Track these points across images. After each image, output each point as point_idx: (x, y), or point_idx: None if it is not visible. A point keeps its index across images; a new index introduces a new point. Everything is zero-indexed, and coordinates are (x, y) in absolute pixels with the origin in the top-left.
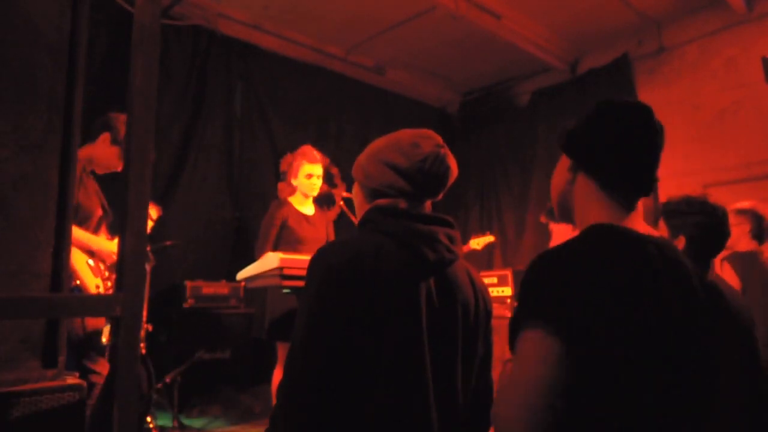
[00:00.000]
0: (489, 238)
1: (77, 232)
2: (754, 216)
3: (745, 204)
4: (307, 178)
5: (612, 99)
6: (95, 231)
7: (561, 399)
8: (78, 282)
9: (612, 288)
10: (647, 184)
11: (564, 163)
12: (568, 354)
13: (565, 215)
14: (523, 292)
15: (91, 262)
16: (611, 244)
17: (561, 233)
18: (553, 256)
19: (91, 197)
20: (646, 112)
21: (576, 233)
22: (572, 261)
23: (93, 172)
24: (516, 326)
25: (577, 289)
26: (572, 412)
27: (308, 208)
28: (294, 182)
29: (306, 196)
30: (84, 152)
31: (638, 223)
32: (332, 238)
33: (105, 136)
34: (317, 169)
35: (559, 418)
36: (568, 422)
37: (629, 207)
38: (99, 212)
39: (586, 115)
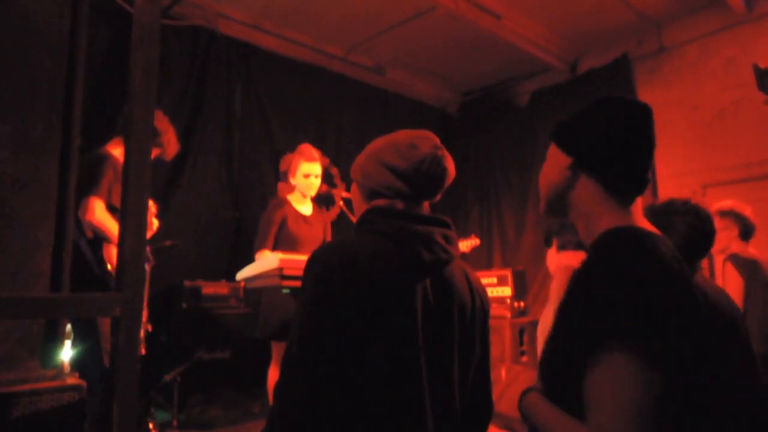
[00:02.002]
0: (475, 242)
1: (116, 228)
2: (737, 217)
3: (725, 205)
4: (304, 178)
5: (611, 96)
6: None
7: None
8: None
9: (689, 305)
10: (645, 183)
11: (559, 159)
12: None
13: (557, 212)
14: (600, 310)
15: None
16: (664, 256)
17: (553, 257)
18: (623, 270)
19: None
20: (646, 110)
21: (572, 260)
22: (648, 277)
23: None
24: (591, 347)
25: (665, 311)
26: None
27: (306, 208)
28: (293, 181)
29: (304, 195)
30: (120, 148)
31: (643, 222)
32: (329, 238)
33: None
34: (315, 168)
35: None
36: None
37: (631, 207)
38: None
39: (585, 112)
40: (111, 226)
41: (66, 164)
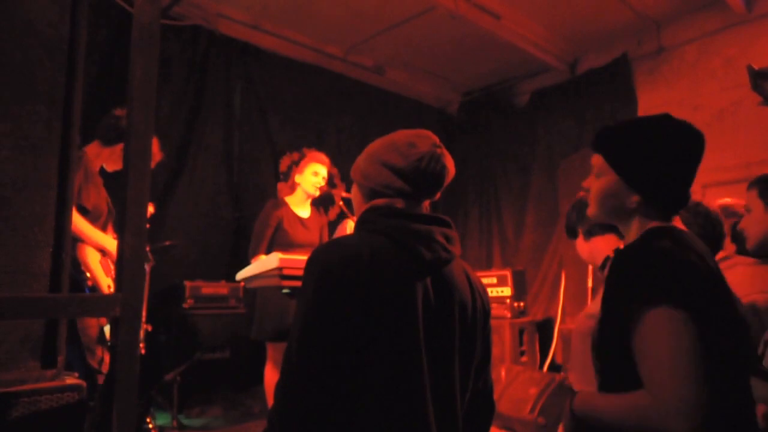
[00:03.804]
0: None
1: (90, 230)
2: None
3: (729, 201)
4: (313, 176)
5: (657, 117)
6: (103, 229)
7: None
8: (91, 282)
9: (711, 276)
10: (686, 198)
11: (616, 180)
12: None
13: (613, 220)
14: (641, 280)
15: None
16: (693, 243)
17: (583, 247)
18: (660, 250)
19: (100, 195)
20: (694, 135)
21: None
22: (682, 253)
23: (100, 170)
24: (637, 311)
25: (695, 276)
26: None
27: (305, 211)
28: (298, 178)
29: (308, 195)
30: (99, 151)
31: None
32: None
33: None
34: (324, 170)
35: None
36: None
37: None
38: (106, 210)
39: (632, 129)
40: (83, 226)
41: (66, 164)
